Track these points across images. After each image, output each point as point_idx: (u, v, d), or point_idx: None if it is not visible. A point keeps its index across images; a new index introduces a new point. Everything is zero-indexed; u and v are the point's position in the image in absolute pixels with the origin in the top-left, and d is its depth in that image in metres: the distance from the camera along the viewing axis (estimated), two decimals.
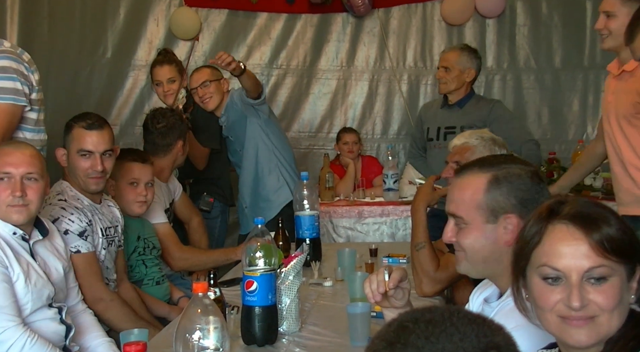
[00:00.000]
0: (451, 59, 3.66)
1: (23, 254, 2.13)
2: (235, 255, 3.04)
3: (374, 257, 3.05)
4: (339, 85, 5.53)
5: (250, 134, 3.69)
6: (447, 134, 3.58)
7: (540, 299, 1.22)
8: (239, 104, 3.63)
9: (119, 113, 5.40)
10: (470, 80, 3.67)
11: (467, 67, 3.65)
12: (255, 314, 1.93)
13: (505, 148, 2.47)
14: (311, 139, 5.54)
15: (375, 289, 1.64)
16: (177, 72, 3.78)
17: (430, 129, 3.75)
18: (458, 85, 3.65)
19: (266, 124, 3.70)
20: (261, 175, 3.73)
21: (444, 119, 3.70)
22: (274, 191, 3.72)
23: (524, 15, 5.45)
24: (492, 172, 1.59)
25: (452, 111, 3.69)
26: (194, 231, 3.48)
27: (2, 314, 2.01)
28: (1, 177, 2.12)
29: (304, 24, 5.51)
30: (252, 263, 1.93)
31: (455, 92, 3.67)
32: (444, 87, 3.68)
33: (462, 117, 3.62)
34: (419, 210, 2.46)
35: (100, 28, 5.34)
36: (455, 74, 3.63)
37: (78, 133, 2.54)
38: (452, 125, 3.62)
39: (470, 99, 3.70)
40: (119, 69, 5.37)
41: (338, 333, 2.05)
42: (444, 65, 3.67)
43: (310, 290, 2.56)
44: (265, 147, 3.71)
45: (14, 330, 2.01)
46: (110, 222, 2.66)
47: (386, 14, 5.50)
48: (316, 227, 2.95)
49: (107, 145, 2.56)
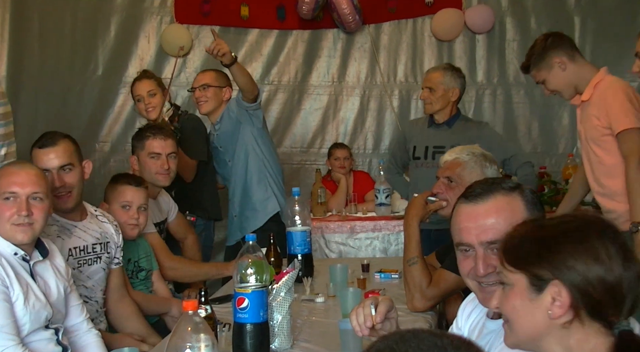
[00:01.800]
0: (435, 79, 3.64)
1: (23, 274, 2.12)
2: (227, 270, 3.03)
3: (366, 273, 3.04)
4: (330, 100, 5.55)
5: (242, 142, 3.68)
6: (436, 154, 3.55)
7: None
8: (235, 111, 3.63)
9: (110, 130, 5.39)
10: (455, 100, 3.66)
11: (452, 86, 3.62)
12: (246, 331, 1.92)
13: (495, 164, 2.47)
14: (303, 154, 5.55)
15: (363, 322, 1.62)
16: (156, 86, 3.75)
17: (417, 148, 3.71)
18: (443, 105, 3.63)
19: (259, 133, 3.70)
20: (250, 183, 3.72)
21: (432, 138, 3.67)
22: (261, 201, 3.71)
23: (513, 31, 5.49)
24: (515, 189, 1.56)
25: (441, 130, 3.66)
26: (189, 249, 3.46)
27: (2, 333, 2.00)
28: (7, 196, 2.12)
29: (295, 40, 5.53)
30: (244, 280, 1.92)
31: (441, 111, 3.64)
32: (429, 107, 3.66)
33: (451, 137, 3.56)
34: (412, 225, 2.45)
35: (91, 45, 5.34)
36: (440, 94, 3.61)
37: (35, 155, 2.53)
38: (441, 145, 3.56)
39: (458, 118, 3.69)
40: (110, 86, 5.37)
41: (330, 350, 2.04)
42: (428, 86, 3.64)
43: (302, 306, 2.54)
44: (255, 156, 3.71)
45: (14, 349, 2.00)
46: (97, 239, 2.62)
47: (377, 30, 5.54)
48: (308, 243, 2.94)
49: (61, 161, 2.52)
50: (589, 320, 1.16)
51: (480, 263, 1.52)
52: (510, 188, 1.56)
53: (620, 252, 1.17)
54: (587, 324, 1.16)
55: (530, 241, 1.21)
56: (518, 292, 1.21)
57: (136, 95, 3.79)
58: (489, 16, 5.42)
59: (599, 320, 1.16)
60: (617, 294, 1.14)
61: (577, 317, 1.16)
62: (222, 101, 3.74)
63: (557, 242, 1.18)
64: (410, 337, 0.91)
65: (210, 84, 3.71)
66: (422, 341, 0.90)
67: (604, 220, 1.24)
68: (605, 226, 1.21)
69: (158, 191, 3.32)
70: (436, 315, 2.50)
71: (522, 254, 1.21)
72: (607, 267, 1.15)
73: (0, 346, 1.98)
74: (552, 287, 1.17)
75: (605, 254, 1.16)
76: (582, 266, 1.15)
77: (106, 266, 2.66)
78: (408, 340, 0.91)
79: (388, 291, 2.69)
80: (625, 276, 1.15)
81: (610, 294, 1.14)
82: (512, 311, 1.22)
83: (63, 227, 2.55)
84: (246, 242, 1.97)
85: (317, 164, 5.42)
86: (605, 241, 1.17)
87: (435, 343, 0.90)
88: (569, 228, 1.19)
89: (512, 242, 1.24)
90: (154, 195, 3.28)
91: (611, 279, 1.14)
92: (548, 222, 1.25)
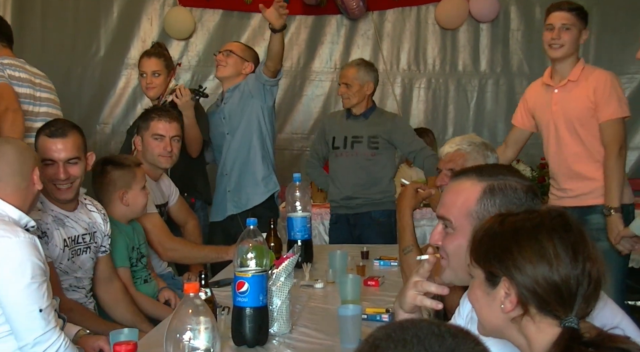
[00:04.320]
0: (350, 75, 3.81)
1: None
2: (227, 254, 3.03)
3: (366, 260, 3.04)
4: (332, 87, 5.53)
5: (249, 116, 3.69)
6: (354, 143, 3.82)
7: None
8: (251, 84, 3.66)
9: (111, 112, 5.39)
10: (370, 93, 3.85)
11: (366, 80, 3.82)
12: (246, 315, 1.92)
13: (496, 152, 2.47)
14: (304, 140, 5.55)
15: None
16: (163, 67, 3.73)
17: (336, 138, 3.88)
18: (360, 99, 3.82)
19: (268, 111, 3.73)
20: (253, 159, 3.72)
21: (350, 129, 3.85)
22: (264, 177, 3.73)
23: (518, 20, 5.47)
24: (489, 182, 1.57)
25: (358, 121, 3.85)
26: (190, 234, 3.45)
27: (52, 313, 2.00)
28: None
29: (298, 25, 5.52)
30: (244, 264, 1.92)
31: (357, 105, 3.83)
32: (347, 102, 3.84)
33: (367, 128, 3.81)
34: (405, 214, 2.45)
35: (93, 26, 5.33)
36: (355, 89, 3.79)
37: (42, 142, 2.50)
38: (359, 135, 3.81)
39: (373, 111, 3.88)
40: (111, 68, 5.36)
41: (328, 335, 2.05)
42: (344, 82, 3.82)
43: (302, 292, 2.55)
44: (260, 132, 3.72)
45: (54, 331, 1.99)
46: (86, 229, 2.60)
47: (380, 17, 5.52)
48: (308, 229, 2.94)
49: (69, 154, 2.50)
50: (539, 315, 1.20)
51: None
52: (485, 178, 1.58)
53: (569, 251, 1.20)
54: (537, 318, 1.20)
55: (488, 237, 1.27)
56: (478, 286, 1.28)
57: (141, 70, 3.79)
58: (493, 5, 5.40)
59: (549, 315, 1.20)
60: (563, 292, 1.18)
61: (527, 312, 1.21)
62: (241, 73, 3.73)
63: (509, 240, 1.23)
64: (408, 325, 0.93)
65: (234, 51, 3.73)
66: (421, 329, 0.91)
67: (560, 216, 1.26)
68: (558, 224, 1.23)
69: (160, 174, 3.31)
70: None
71: (480, 250, 1.27)
72: (553, 266, 1.18)
73: (50, 325, 1.98)
74: (503, 282, 1.22)
75: (552, 254, 1.19)
76: (529, 266, 1.19)
77: (94, 255, 2.64)
78: (406, 328, 0.92)
79: (387, 279, 2.70)
80: (572, 274, 1.18)
81: (556, 292, 1.18)
82: (475, 303, 1.30)
83: (57, 217, 2.54)
84: (247, 227, 1.98)
85: None
86: (554, 240, 1.20)
87: (432, 331, 0.91)
88: (523, 226, 1.23)
89: (476, 237, 1.29)
90: (156, 177, 3.28)
91: (556, 278, 1.18)
92: (510, 218, 1.28)
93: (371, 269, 2.92)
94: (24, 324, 1.95)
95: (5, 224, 1.99)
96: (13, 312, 1.95)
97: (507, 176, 1.60)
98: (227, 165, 3.79)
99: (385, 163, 3.85)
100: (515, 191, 1.56)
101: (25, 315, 1.95)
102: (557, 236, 1.20)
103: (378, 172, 3.82)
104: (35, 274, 1.95)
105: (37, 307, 1.95)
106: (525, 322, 1.21)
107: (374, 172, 3.82)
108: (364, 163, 3.81)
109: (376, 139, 3.79)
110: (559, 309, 1.18)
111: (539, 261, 1.19)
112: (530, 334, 1.22)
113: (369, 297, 2.45)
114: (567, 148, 3.07)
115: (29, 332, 1.95)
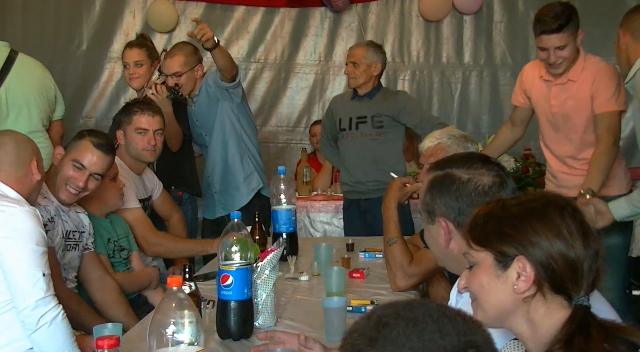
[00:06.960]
0: (358, 54, 3.82)
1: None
2: (212, 248, 3.02)
3: (351, 252, 3.05)
4: (317, 79, 5.53)
5: (221, 118, 3.65)
6: (359, 124, 3.84)
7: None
8: (213, 87, 3.58)
9: (94, 106, 5.35)
10: (377, 74, 3.85)
11: (374, 61, 3.82)
12: (230, 308, 1.93)
13: (476, 143, 2.51)
14: (289, 133, 5.54)
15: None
16: (146, 56, 3.70)
17: (342, 120, 3.91)
18: (367, 79, 3.82)
19: (238, 108, 3.67)
20: (231, 161, 3.70)
21: (355, 110, 3.87)
22: (244, 178, 3.70)
23: (501, 12, 5.49)
24: (436, 173, 1.63)
25: (362, 102, 3.86)
26: (174, 227, 3.44)
27: (52, 283, 2.08)
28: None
29: (282, 17, 5.50)
30: (228, 257, 1.92)
31: (363, 85, 3.84)
32: (353, 81, 3.85)
33: (371, 107, 3.82)
34: (390, 207, 2.51)
35: (75, 20, 5.28)
36: (363, 68, 3.79)
37: (84, 146, 2.61)
38: (363, 115, 3.83)
39: (378, 91, 3.88)
40: (94, 62, 5.32)
41: (314, 328, 2.05)
42: (352, 61, 3.82)
43: (287, 284, 2.55)
44: (234, 132, 3.67)
45: (54, 298, 2.06)
46: (75, 227, 2.66)
47: (364, 9, 5.51)
48: (293, 222, 2.94)
49: (98, 170, 2.62)
50: (551, 294, 1.20)
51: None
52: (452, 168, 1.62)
53: (580, 229, 1.21)
54: (549, 298, 1.20)
55: (494, 219, 1.25)
56: (484, 270, 1.24)
57: (124, 61, 3.77)
58: None
59: (561, 293, 1.20)
60: (577, 269, 1.19)
61: (540, 291, 1.20)
62: (197, 79, 3.70)
63: (521, 220, 1.22)
64: (416, 305, 0.92)
65: (181, 72, 3.61)
66: (432, 310, 0.90)
67: (563, 198, 1.27)
68: (566, 203, 1.25)
69: (143, 168, 3.29)
70: (419, 295, 2.52)
71: (487, 232, 1.25)
72: (568, 243, 1.19)
73: (51, 292, 2.06)
74: (517, 263, 1.21)
75: (566, 230, 1.20)
76: (545, 242, 1.19)
77: (80, 254, 2.69)
78: (416, 307, 0.91)
79: (372, 271, 2.71)
80: (585, 252, 1.20)
81: (571, 268, 1.19)
82: (479, 289, 1.26)
83: (58, 208, 2.60)
84: (231, 220, 1.98)
85: (303, 143, 5.42)
86: (566, 218, 1.21)
87: (444, 313, 0.90)
88: (531, 207, 1.23)
89: (477, 221, 1.27)
90: (139, 171, 3.26)
91: (572, 254, 1.19)
92: (510, 202, 1.28)
93: (356, 261, 2.92)
94: (27, 285, 2.03)
95: (7, 200, 2.11)
96: (18, 275, 2.03)
97: (466, 167, 1.61)
98: (209, 167, 3.79)
99: (393, 142, 3.85)
100: (462, 183, 1.59)
101: (29, 277, 2.03)
102: (567, 214, 1.21)
103: (385, 152, 3.82)
104: (39, 241, 2.07)
105: (40, 271, 2.04)
106: (534, 304, 1.21)
107: (380, 151, 3.82)
108: (370, 143, 3.82)
109: (380, 117, 3.79)
110: (572, 287, 1.19)
111: (555, 238, 1.19)
112: (537, 317, 1.21)
113: (353, 289, 2.46)
114: (565, 133, 3.10)
115: (31, 295, 2.02)
